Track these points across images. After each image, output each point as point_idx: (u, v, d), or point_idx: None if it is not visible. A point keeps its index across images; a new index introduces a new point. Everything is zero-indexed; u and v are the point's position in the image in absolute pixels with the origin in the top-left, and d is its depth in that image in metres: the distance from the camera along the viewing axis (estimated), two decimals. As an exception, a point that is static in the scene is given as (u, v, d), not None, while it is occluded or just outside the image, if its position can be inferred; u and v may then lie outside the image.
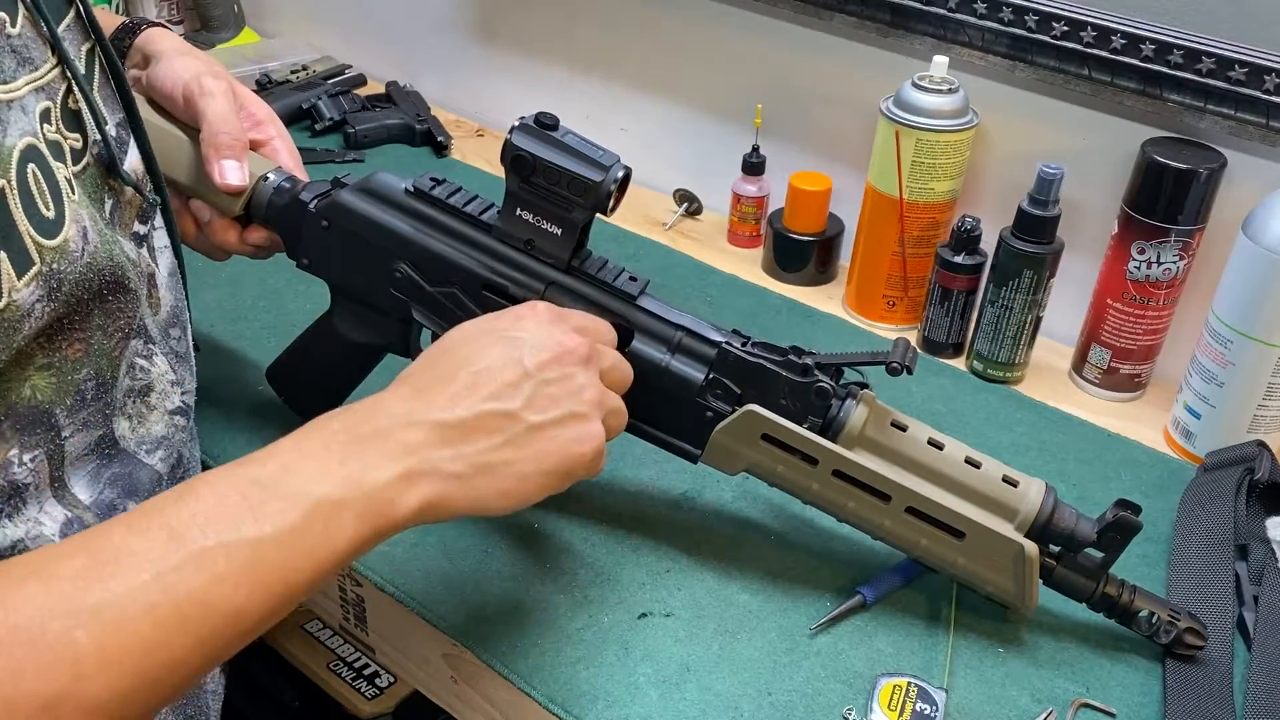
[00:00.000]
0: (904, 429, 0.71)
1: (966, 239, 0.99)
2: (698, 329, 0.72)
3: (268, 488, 0.51)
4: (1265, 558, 0.80)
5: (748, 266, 1.18)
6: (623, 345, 0.72)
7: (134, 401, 0.65)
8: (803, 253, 1.14)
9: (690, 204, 1.26)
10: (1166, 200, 0.91)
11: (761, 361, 0.71)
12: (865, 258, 1.08)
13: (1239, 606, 0.77)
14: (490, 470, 0.57)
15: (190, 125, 0.78)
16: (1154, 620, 0.71)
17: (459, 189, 0.75)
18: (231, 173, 0.75)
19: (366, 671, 0.99)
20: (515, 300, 0.72)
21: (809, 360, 0.71)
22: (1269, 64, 0.88)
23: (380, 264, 0.75)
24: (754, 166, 1.18)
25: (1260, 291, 0.84)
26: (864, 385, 0.73)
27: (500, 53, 1.41)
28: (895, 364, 0.68)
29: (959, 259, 1.00)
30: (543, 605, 0.74)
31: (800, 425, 0.70)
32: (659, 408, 0.73)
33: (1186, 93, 0.92)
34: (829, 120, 1.16)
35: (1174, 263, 0.93)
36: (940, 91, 0.99)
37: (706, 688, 0.69)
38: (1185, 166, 0.90)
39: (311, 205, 0.76)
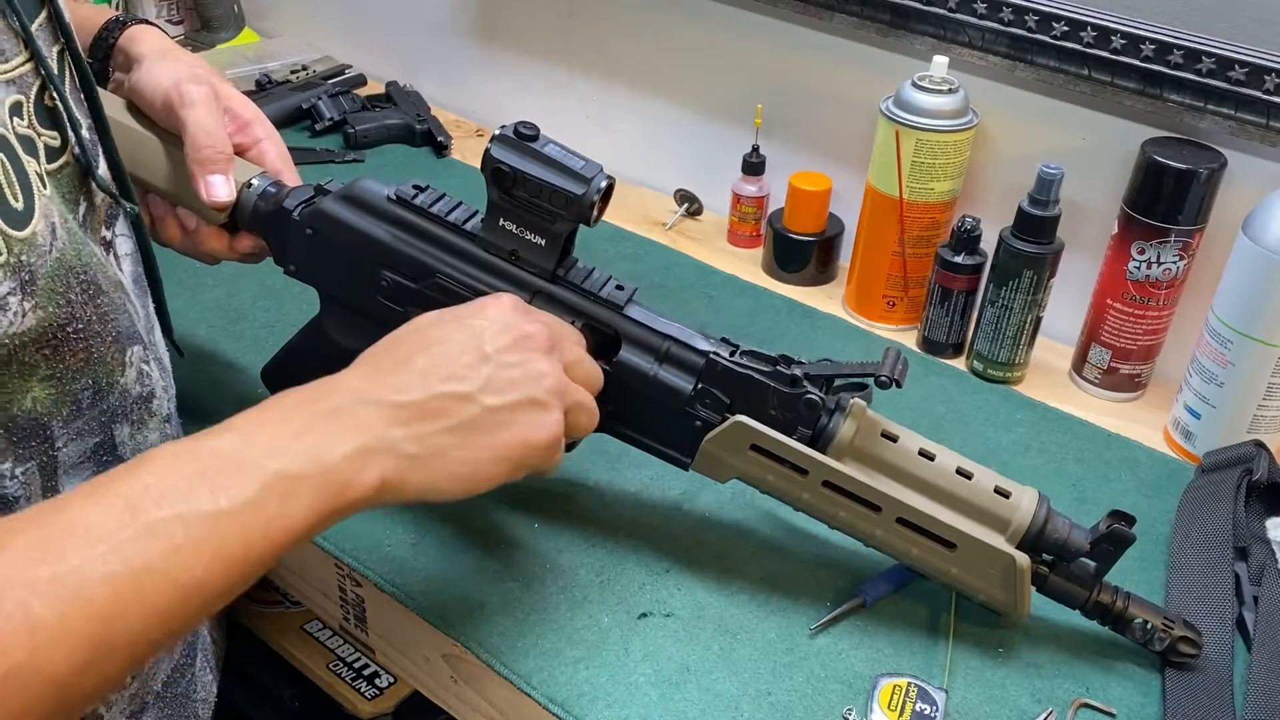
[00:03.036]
0: (894, 439, 0.71)
1: (966, 239, 0.99)
2: (685, 338, 0.72)
3: (224, 459, 0.50)
4: (1265, 558, 0.80)
5: (748, 266, 1.18)
6: (610, 354, 0.72)
7: (138, 408, 0.65)
8: (803, 253, 1.14)
9: (690, 204, 1.26)
10: (1166, 200, 0.91)
11: (749, 372, 0.70)
12: (865, 258, 1.08)
13: (1239, 606, 0.77)
14: (443, 452, 0.57)
15: (174, 133, 0.76)
16: (1148, 628, 0.70)
17: (442, 196, 0.74)
18: (217, 188, 0.74)
19: (366, 671, 0.99)
20: None
21: (797, 371, 0.70)
22: (1269, 64, 0.88)
23: (366, 272, 0.74)
24: (754, 166, 1.18)
25: (1260, 291, 0.84)
26: (861, 387, 0.73)
27: (500, 53, 1.41)
28: (884, 378, 0.68)
29: (959, 259, 1.00)
30: (543, 605, 0.74)
31: (790, 436, 0.70)
32: (648, 417, 0.73)
33: (1186, 93, 0.92)
34: (829, 120, 1.16)
35: (1174, 263, 0.93)
36: (940, 91, 0.99)
37: (706, 688, 0.69)
38: (1185, 166, 0.90)
39: (296, 213, 0.74)
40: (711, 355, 0.71)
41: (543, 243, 0.70)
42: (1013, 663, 0.72)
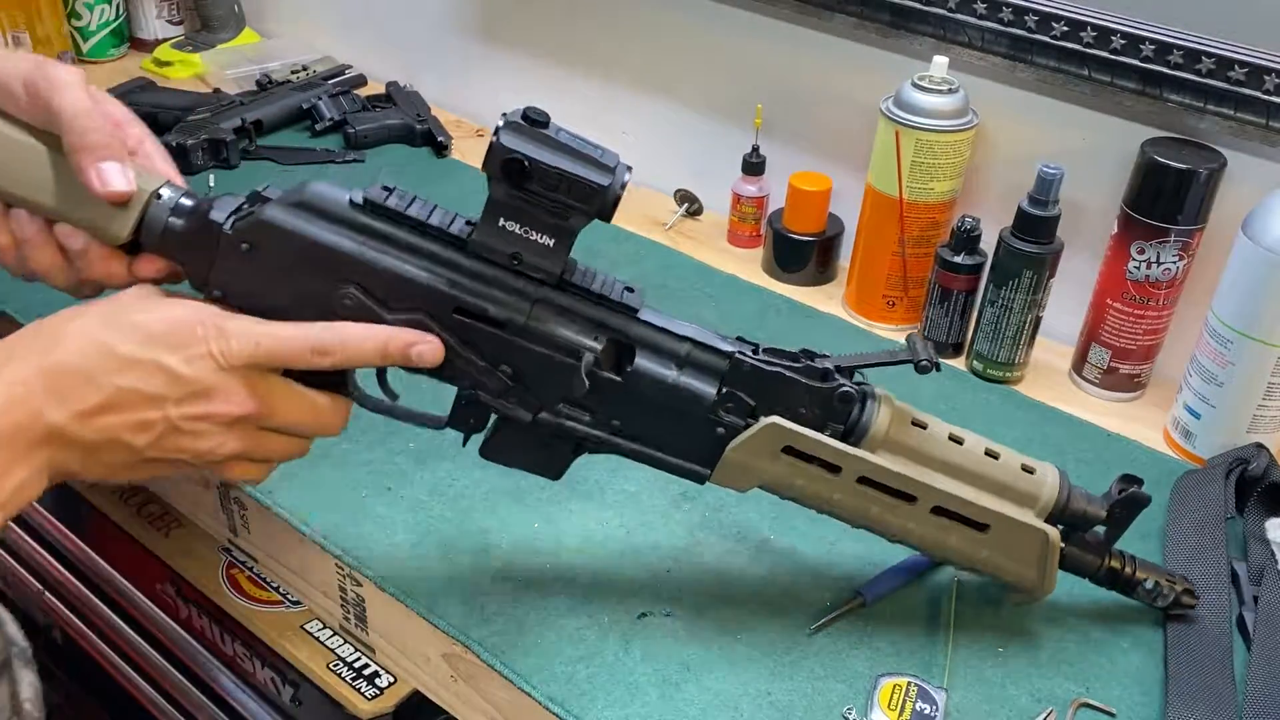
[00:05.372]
0: (924, 426, 0.69)
1: (966, 239, 0.99)
2: (706, 340, 0.67)
3: None
4: (1265, 558, 0.80)
5: (748, 266, 1.18)
6: (625, 363, 0.66)
7: None
8: (803, 253, 1.14)
9: (690, 204, 1.26)
10: (1166, 200, 0.91)
11: (780, 370, 0.66)
12: (865, 258, 1.08)
13: (1239, 606, 0.77)
14: (98, 464, 0.59)
15: (41, 129, 0.62)
16: (1152, 587, 0.73)
17: (416, 198, 0.65)
18: (114, 176, 0.61)
19: (366, 671, 0.99)
20: (495, 322, 0.64)
21: (829, 364, 0.67)
22: (1269, 64, 0.88)
23: (321, 291, 0.63)
24: (754, 166, 1.18)
25: (1260, 291, 0.84)
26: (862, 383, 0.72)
27: (500, 53, 1.41)
28: (924, 361, 0.66)
29: (959, 259, 1.00)
30: (542, 604, 0.74)
31: (822, 433, 0.67)
32: (663, 427, 0.67)
33: (1186, 93, 0.92)
34: (829, 120, 1.16)
35: (1174, 263, 0.93)
36: (940, 91, 0.99)
37: (706, 688, 0.69)
38: (1185, 166, 0.90)
39: (227, 226, 0.62)
40: (736, 355, 0.66)
41: (551, 243, 0.63)
42: (1013, 663, 0.72)
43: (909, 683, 0.70)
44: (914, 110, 0.99)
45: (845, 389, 0.67)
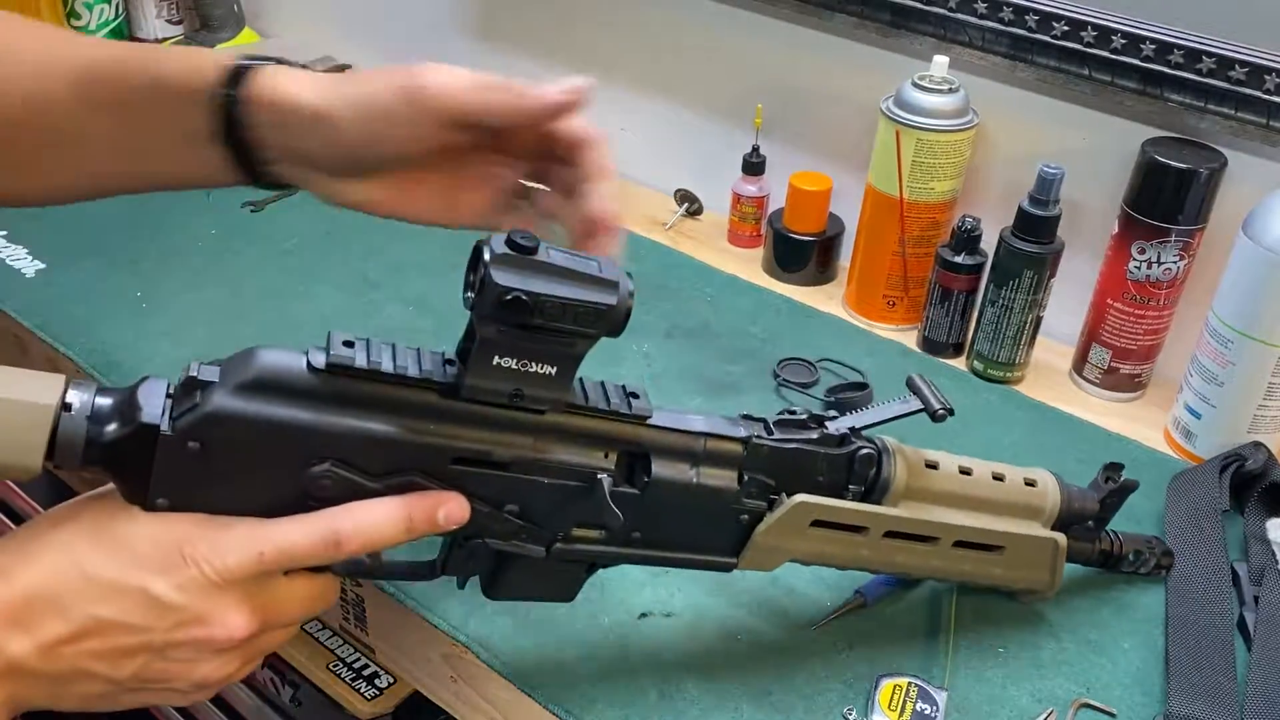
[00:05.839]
0: (936, 467, 0.69)
1: (967, 239, 0.99)
2: (719, 430, 0.63)
3: None
4: (1265, 558, 0.80)
5: (748, 266, 1.18)
6: (639, 472, 0.62)
7: None
8: (803, 253, 1.14)
9: (690, 204, 1.26)
10: (1166, 200, 0.91)
11: (798, 446, 0.64)
12: (865, 258, 1.08)
13: (1240, 606, 0.77)
14: (70, 695, 0.54)
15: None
16: (1135, 557, 0.77)
17: (383, 346, 0.56)
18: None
19: (366, 672, 0.99)
20: (499, 464, 0.58)
21: (843, 428, 0.65)
22: (1269, 64, 0.88)
23: (292, 477, 0.55)
24: (754, 166, 1.18)
25: (1260, 291, 0.84)
26: (863, 386, 0.72)
27: (500, 53, 1.41)
28: (941, 411, 0.66)
29: (959, 259, 1.00)
30: (543, 605, 0.74)
31: (843, 497, 0.66)
32: (686, 528, 0.64)
33: (1186, 93, 0.92)
34: (829, 120, 1.16)
35: (1174, 263, 0.93)
36: (940, 91, 0.99)
37: (706, 688, 0.69)
38: (1185, 166, 0.90)
39: (165, 427, 0.53)
40: (754, 440, 0.63)
41: (554, 371, 0.56)
42: (1013, 663, 0.72)
43: (909, 683, 0.70)
44: (914, 110, 0.99)
45: (866, 451, 0.66)
